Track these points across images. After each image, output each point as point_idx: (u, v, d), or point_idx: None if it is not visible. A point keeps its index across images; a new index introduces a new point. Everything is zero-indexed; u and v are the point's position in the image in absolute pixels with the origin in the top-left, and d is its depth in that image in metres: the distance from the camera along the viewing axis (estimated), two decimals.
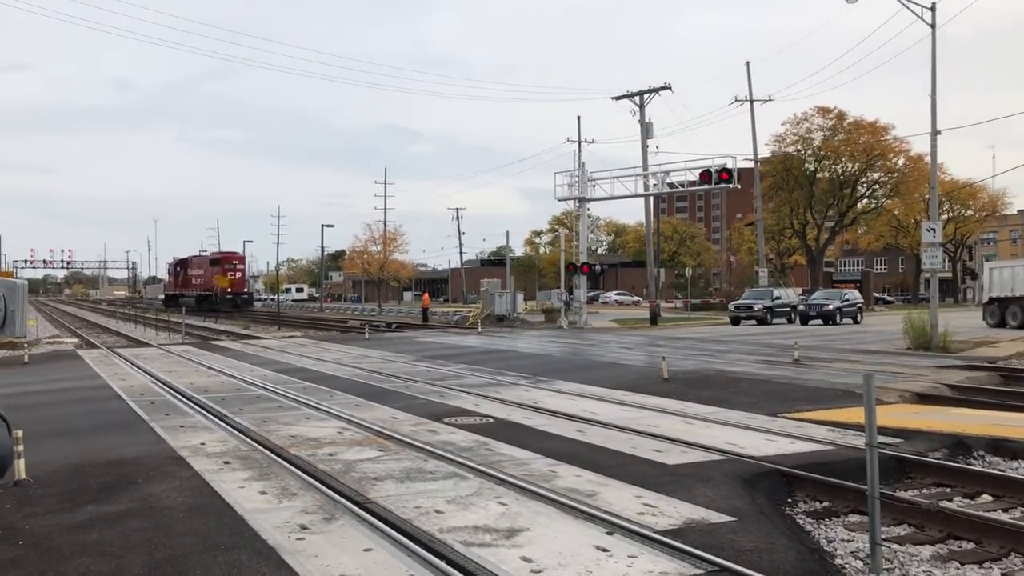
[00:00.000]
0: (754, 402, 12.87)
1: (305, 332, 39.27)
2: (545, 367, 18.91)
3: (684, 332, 34.66)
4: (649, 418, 11.42)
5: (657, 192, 39.51)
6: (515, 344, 27.86)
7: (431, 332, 36.55)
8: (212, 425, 11.28)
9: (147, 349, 26.93)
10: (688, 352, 22.83)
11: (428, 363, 20.27)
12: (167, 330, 37.61)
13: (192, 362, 21.33)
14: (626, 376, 16.76)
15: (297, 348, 26.16)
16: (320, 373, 18.28)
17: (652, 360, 20.18)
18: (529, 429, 10.72)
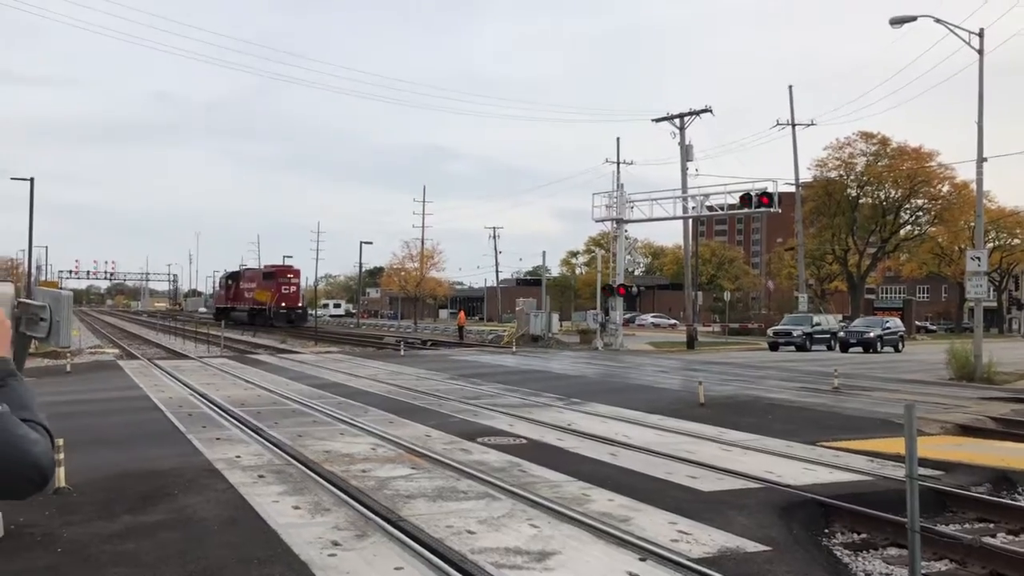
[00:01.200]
0: (792, 430, 12.69)
1: (341, 348, 39.56)
2: (580, 389, 18.86)
3: (721, 357, 34.32)
4: (684, 443, 11.33)
5: (696, 215, 39.33)
6: (550, 365, 27.80)
7: (466, 350, 36.60)
8: (248, 438, 11.39)
9: (186, 361, 27.32)
10: (725, 377, 22.63)
11: (462, 381, 20.30)
12: (206, 343, 38.11)
13: (230, 375, 21.58)
14: (662, 400, 16.65)
15: (333, 363, 26.36)
16: (355, 389, 18.38)
17: (688, 384, 20.06)
18: (562, 451, 10.67)
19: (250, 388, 18.30)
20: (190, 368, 23.85)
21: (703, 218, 44.48)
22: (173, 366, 24.35)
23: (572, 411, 14.84)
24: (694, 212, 38.63)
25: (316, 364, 25.98)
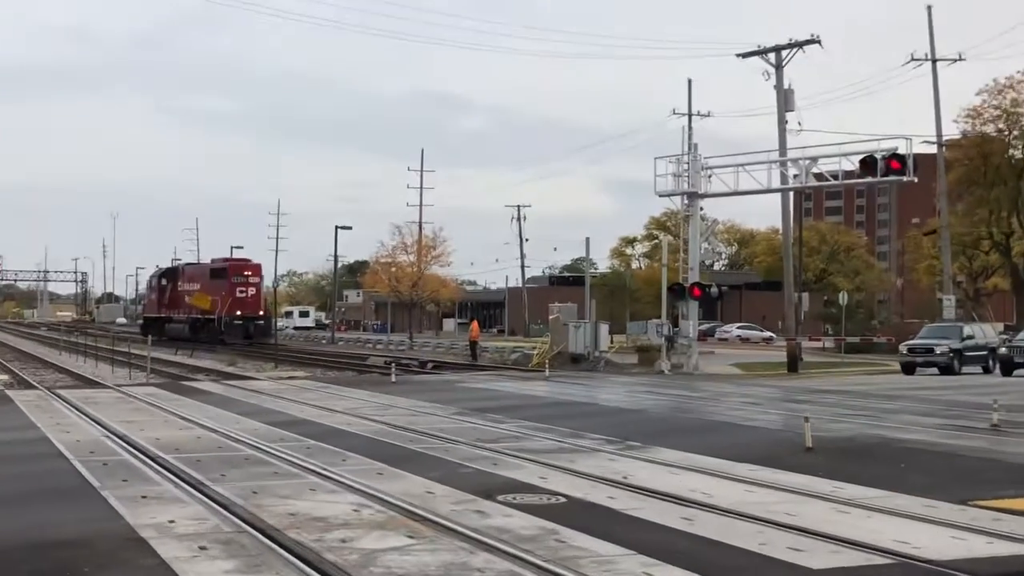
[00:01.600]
0: (934, 484, 12.61)
1: (310, 371, 39.75)
2: (638, 428, 18.82)
3: (835, 383, 34.07)
4: (785, 503, 11.29)
5: (800, 186, 39.17)
6: (596, 394, 27.73)
7: (481, 375, 36.65)
8: (185, 496, 11.47)
9: (100, 391, 27.59)
10: (841, 412, 22.49)
11: (476, 418, 20.32)
12: (126, 365, 38.46)
13: (159, 409, 21.75)
14: (753, 443, 16.61)
15: (299, 393, 26.50)
16: (329, 428, 18.45)
17: (790, 422, 19.94)
18: (615, 514, 10.66)
19: (187, 427, 18.42)
20: (106, 400, 24.08)
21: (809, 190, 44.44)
22: (83, 398, 24.62)
23: (628, 458, 14.79)
24: (796, 182, 38.44)
25: (276, 394, 26.13)
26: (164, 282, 75.14)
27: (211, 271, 68.87)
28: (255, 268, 68.63)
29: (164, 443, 15.91)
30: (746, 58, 43.58)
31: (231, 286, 64.65)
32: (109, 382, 31.85)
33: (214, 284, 66.16)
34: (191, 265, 76.91)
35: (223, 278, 65.74)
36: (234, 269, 66.61)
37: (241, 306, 64.11)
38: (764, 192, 38.42)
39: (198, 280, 69.27)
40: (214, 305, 64.31)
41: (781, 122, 41.89)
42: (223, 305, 63.61)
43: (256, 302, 66.02)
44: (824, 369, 42.68)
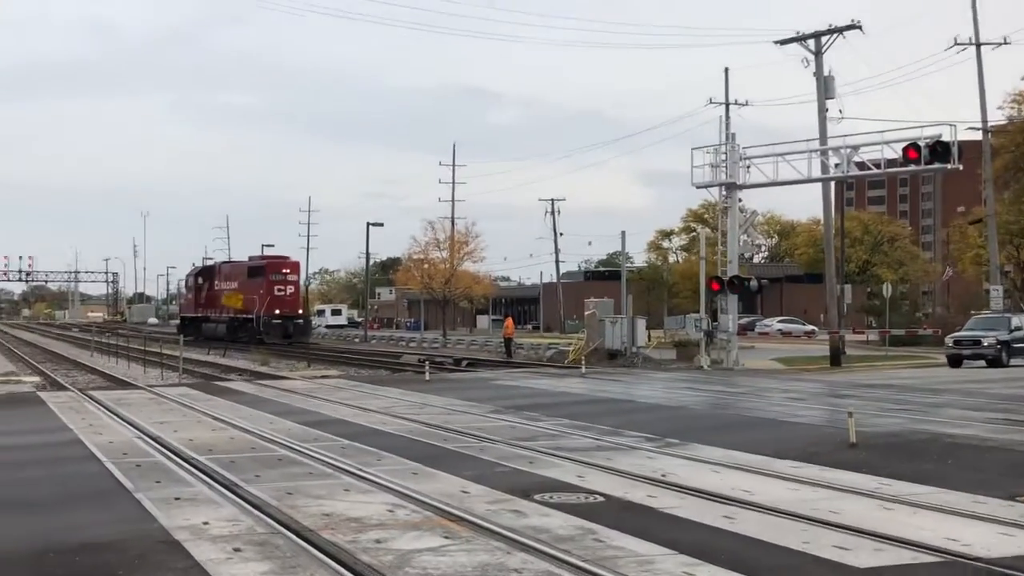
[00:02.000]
0: (983, 480, 12.51)
1: (343, 370, 39.92)
2: (678, 425, 18.83)
3: (880, 376, 33.85)
4: (828, 500, 11.26)
5: (841, 175, 38.87)
6: (634, 391, 27.70)
7: (516, 372, 36.69)
8: (218, 497, 11.58)
9: (132, 392, 27.87)
10: (886, 406, 22.39)
11: (511, 416, 20.39)
12: (159, 366, 38.81)
13: (192, 410, 21.96)
14: (795, 439, 16.57)
15: (332, 392, 26.66)
16: (363, 427, 18.58)
17: (833, 417, 19.89)
18: (655, 513, 10.67)
19: (220, 428, 18.58)
20: (138, 401, 24.32)
21: (851, 180, 44.07)
22: (115, 399, 24.86)
23: (667, 456, 14.79)
24: (838, 171, 38.12)
25: (309, 394, 26.29)
26: (200, 281, 75.09)
27: (249, 269, 68.42)
28: (294, 266, 68.40)
29: (197, 444, 16.05)
30: (784, 45, 43.30)
31: (269, 284, 64.26)
32: (141, 383, 32.15)
33: (252, 283, 65.89)
34: (228, 263, 76.46)
35: (261, 276, 65.36)
36: (272, 267, 66.20)
37: (280, 305, 63.62)
38: (804, 182, 38.10)
39: (235, 279, 69.09)
40: (249, 304, 64.23)
41: (821, 110, 41.58)
42: (261, 304, 63.28)
43: (295, 300, 65.79)
44: (868, 363, 42.37)
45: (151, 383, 31.94)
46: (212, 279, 73.02)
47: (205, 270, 77.59)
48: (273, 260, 68.91)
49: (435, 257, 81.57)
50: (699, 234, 55.00)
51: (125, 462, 14.32)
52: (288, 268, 66.81)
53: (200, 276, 76.32)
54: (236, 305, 66.48)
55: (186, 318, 77.03)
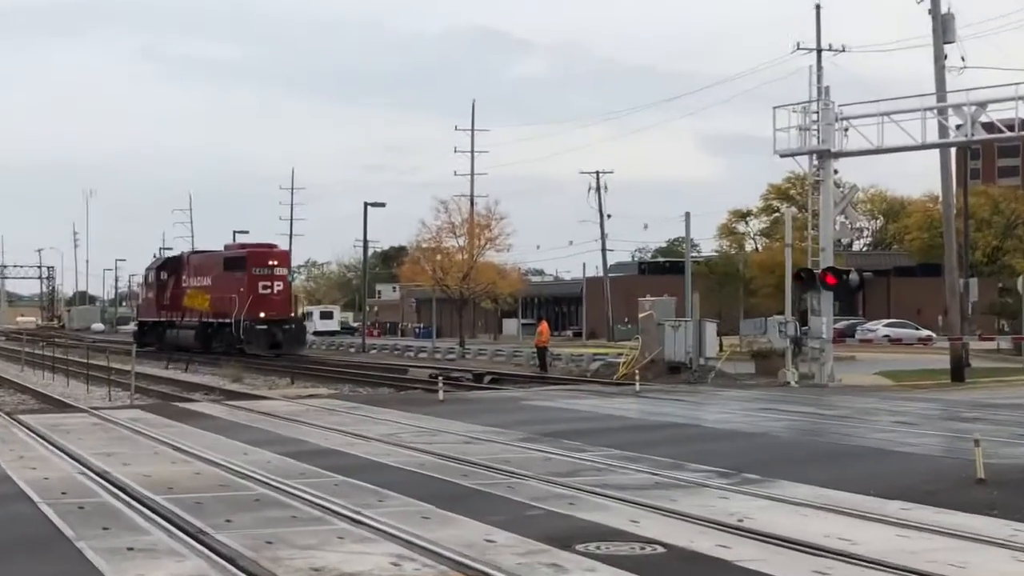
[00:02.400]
0: None
1: (335, 388, 39.97)
2: (757, 456, 18.81)
3: (1013, 395, 33.56)
4: (950, 551, 11.20)
5: (964, 140, 38.51)
6: (702, 414, 27.62)
7: (552, 390, 36.65)
8: (181, 548, 11.60)
9: (73, 416, 27.97)
10: (1022, 432, 22.29)
11: (547, 445, 20.36)
12: (105, 383, 38.98)
13: (147, 438, 22.02)
14: (906, 474, 16.52)
15: (322, 416, 26.70)
16: (361, 460, 18.59)
17: (954, 446, 19.80)
18: (729, 567, 10.64)
19: (183, 461, 18.62)
20: (80, 428, 24.40)
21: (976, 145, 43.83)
22: (51, 425, 24.93)
23: (744, 496, 14.76)
24: (960, 135, 37.77)
25: (294, 417, 26.33)
26: (163, 276, 74.80)
27: (225, 261, 68.09)
28: (281, 256, 68.46)
29: (154, 481, 16.10)
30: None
31: (252, 280, 63.88)
32: (84, 404, 32.24)
33: (229, 278, 65.43)
34: (199, 254, 75.96)
35: (241, 270, 65.09)
36: (256, 258, 65.76)
37: (265, 306, 62.98)
38: (917, 148, 37.86)
39: (208, 273, 68.83)
40: (225, 305, 63.87)
41: (938, 58, 41.27)
42: (242, 305, 62.73)
43: (285, 300, 65.44)
44: (998, 377, 42.00)
45: (96, 405, 32.03)
46: (178, 274, 72.77)
47: (169, 263, 77.40)
48: (256, 249, 68.54)
49: (450, 246, 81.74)
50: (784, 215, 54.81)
51: (64, 503, 14.37)
52: (275, 259, 66.68)
53: (163, 270, 76.02)
54: (203, 307, 66.56)
55: (145, 323, 77.16)
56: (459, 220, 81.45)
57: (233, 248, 72.21)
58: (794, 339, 38.80)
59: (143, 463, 18.18)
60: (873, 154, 38.89)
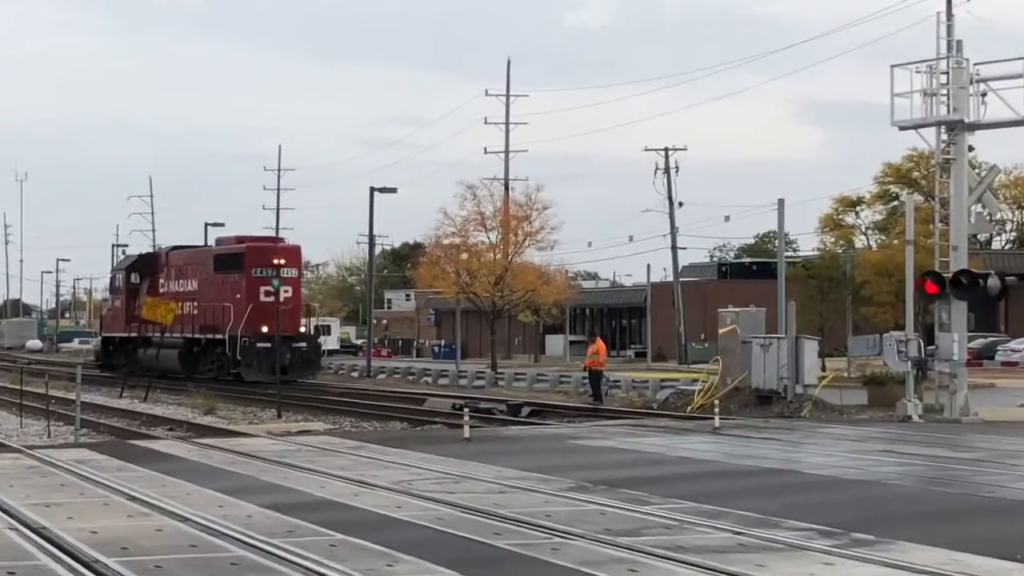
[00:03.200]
0: None
1: (334, 423, 40.04)
2: (871, 511, 18.75)
3: None
4: None
5: None
6: (799, 456, 27.59)
7: (608, 426, 36.66)
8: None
9: (3, 457, 28.04)
10: None
11: (601, 496, 20.37)
12: (43, 415, 39.16)
13: (97, 485, 22.06)
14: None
15: (317, 458, 26.77)
16: (366, 514, 18.61)
17: None
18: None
19: (141, 514, 18.63)
20: (11, 472, 24.44)
21: None
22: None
23: (854, 560, 14.73)
24: None
25: (281, 459, 26.38)
26: (135, 279, 74.11)
27: (217, 259, 67.04)
28: (291, 253, 66.81)
29: (104, 539, 16.14)
30: None
31: (252, 284, 62.84)
32: (15, 442, 32.40)
33: (222, 281, 64.94)
34: (182, 251, 74.72)
35: (237, 270, 64.17)
36: (256, 255, 64.10)
37: (269, 318, 59.92)
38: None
39: (193, 275, 68.15)
40: (215, 317, 63.27)
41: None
42: (238, 317, 61.87)
43: (294, 311, 63.90)
44: None
45: (31, 443, 32.19)
46: (155, 277, 72.16)
47: (142, 262, 76.57)
48: (257, 244, 67.52)
49: (479, 242, 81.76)
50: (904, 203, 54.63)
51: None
52: (281, 256, 63.85)
53: (134, 272, 75.24)
54: (154, 319, 63.96)
55: (111, 340, 76.48)
56: (490, 210, 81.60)
57: (227, 242, 70.99)
58: (917, 362, 38.64)
59: (91, 516, 18.19)
60: (1019, 126, 38.71)
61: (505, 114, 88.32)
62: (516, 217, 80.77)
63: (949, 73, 38.05)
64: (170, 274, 70.92)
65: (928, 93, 38.02)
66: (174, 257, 73.12)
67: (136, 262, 77.80)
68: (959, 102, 37.63)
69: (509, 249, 79.58)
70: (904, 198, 64.29)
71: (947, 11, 48.53)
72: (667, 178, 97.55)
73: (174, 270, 70.98)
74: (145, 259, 77.77)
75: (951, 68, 38.14)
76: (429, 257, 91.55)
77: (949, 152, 38.66)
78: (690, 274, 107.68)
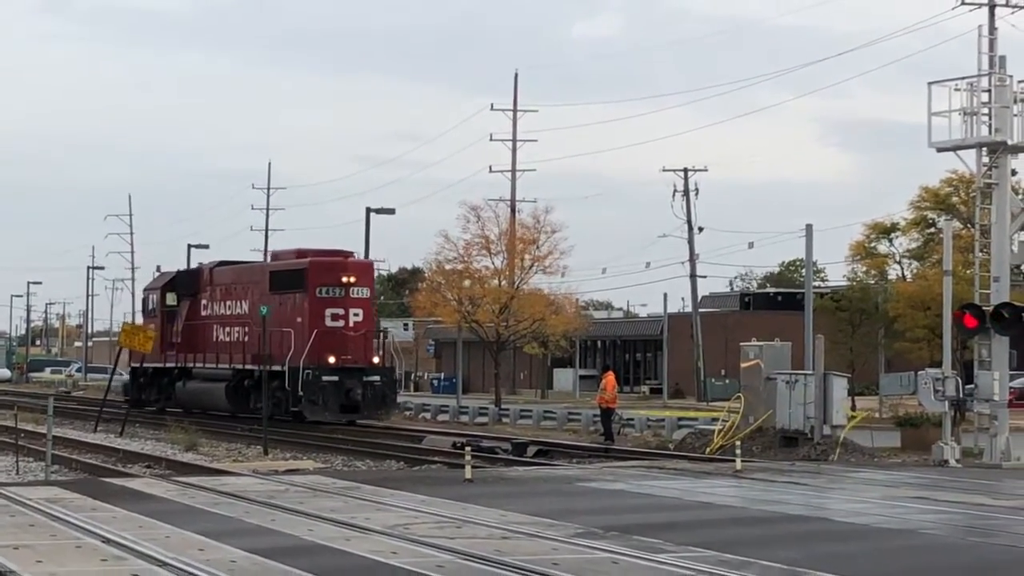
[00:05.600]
0: None
1: (324, 460, 40.04)
2: (904, 564, 18.85)
3: None
4: None
5: None
6: (827, 503, 27.57)
7: (621, 468, 36.66)
8: None
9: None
10: None
11: (613, 543, 20.34)
12: (11, 450, 39.15)
13: (70, 527, 22.08)
14: None
15: (307, 499, 26.78)
16: (360, 560, 18.64)
17: None
18: None
19: (116, 558, 18.64)
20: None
21: None
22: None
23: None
24: None
25: (268, 500, 26.39)
26: (171, 301, 69.08)
27: (273, 277, 61.75)
28: (362, 269, 61.75)
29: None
30: None
31: (316, 306, 58.11)
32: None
33: (281, 303, 59.33)
34: (227, 266, 69.20)
35: (299, 290, 59.19)
36: (321, 272, 59.02)
37: (337, 346, 57.75)
38: None
39: (244, 295, 63.20)
40: (302, 344, 57.56)
41: None
42: (300, 345, 57.29)
43: (367, 337, 59.94)
44: None
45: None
46: (196, 297, 67.60)
47: (182, 280, 70.73)
48: (322, 259, 61.11)
49: (482, 268, 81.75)
50: (942, 230, 54.56)
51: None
52: (351, 274, 59.58)
53: (171, 292, 69.81)
54: (131, 347, 59.36)
55: (143, 371, 70.72)
56: (495, 233, 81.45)
57: (285, 256, 66.14)
58: (955, 401, 38.63)
59: (62, 560, 18.23)
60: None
61: (512, 130, 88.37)
62: (523, 241, 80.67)
63: (991, 91, 38.12)
64: (215, 294, 66.24)
65: (968, 112, 38.06)
66: (219, 274, 67.74)
67: (173, 280, 71.67)
68: (1002, 122, 37.68)
69: (515, 275, 79.54)
70: (942, 225, 64.07)
71: (989, 24, 48.58)
72: (686, 201, 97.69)
73: (220, 289, 66.16)
74: (184, 277, 71.64)
75: (993, 86, 38.22)
76: (429, 283, 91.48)
77: (991, 176, 38.67)
78: (710, 304, 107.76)
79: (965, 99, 38.22)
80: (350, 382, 56.32)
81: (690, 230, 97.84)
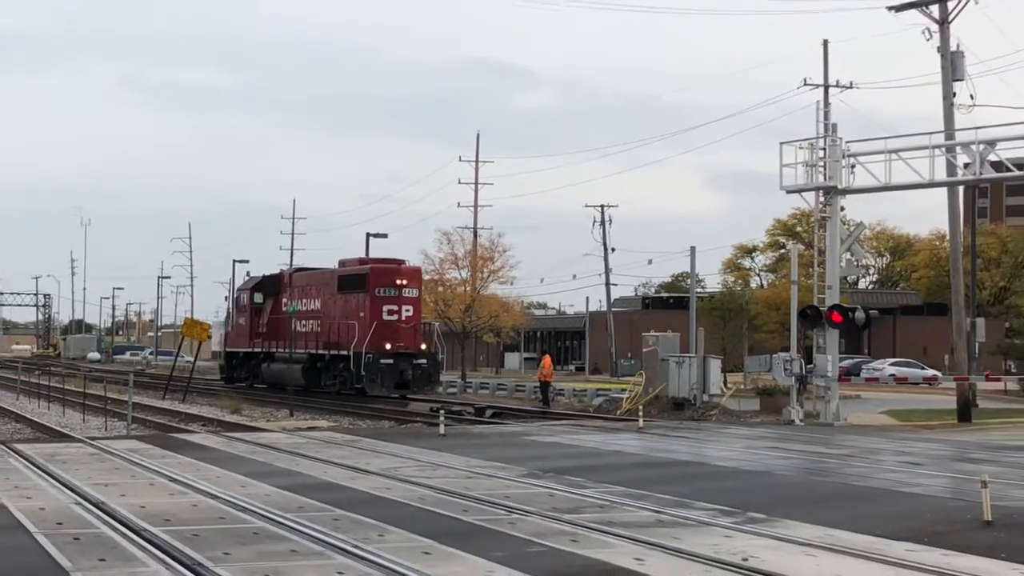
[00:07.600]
0: None
1: (335, 421, 39.95)
2: (762, 496, 18.82)
3: (1021, 436, 33.53)
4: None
5: (972, 179, 38.60)
6: (706, 451, 27.63)
7: (555, 425, 36.65)
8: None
9: (69, 446, 27.98)
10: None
11: (549, 481, 20.43)
12: (102, 413, 38.98)
13: (144, 469, 22.08)
14: (912, 515, 16.54)
15: (322, 449, 26.73)
16: (361, 494, 18.68)
17: (962, 487, 19.83)
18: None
19: (180, 492, 18.67)
20: (76, 457, 24.42)
21: (984, 184, 43.92)
22: (47, 454, 24.97)
23: (749, 535, 14.81)
24: (968, 173, 37.90)
25: (293, 450, 26.35)
26: (259, 299, 66.37)
27: (341, 280, 59.64)
28: (411, 274, 58.68)
29: (151, 512, 16.12)
30: (900, 11, 43.16)
31: (375, 303, 55.50)
32: (79, 434, 32.26)
33: (346, 301, 57.72)
34: (304, 272, 67.51)
35: (361, 290, 56.72)
36: (380, 276, 56.65)
37: (392, 335, 54.58)
38: (925, 187, 37.95)
39: (317, 295, 61.18)
40: (332, 334, 56.73)
41: (947, 95, 41.38)
42: (363, 334, 54.82)
43: (416, 329, 56.85)
44: (1006, 419, 41.97)
45: (92, 435, 32.04)
46: (278, 296, 64.99)
47: (267, 283, 68.28)
48: (381, 266, 58.88)
49: (452, 278, 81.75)
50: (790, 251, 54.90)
51: (61, 534, 14.40)
52: (404, 278, 56.99)
53: (259, 292, 67.41)
54: (191, 336, 59.91)
55: (235, 354, 68.64)
56: (462, 252, 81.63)
57: (350, 264, 63.40)
58: (799, 377, 38.79)
59: (140, 494, 18.22)
60: (880, 191, 38.97)
61: (475, 176, 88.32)
62: (482, 258, 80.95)
63: (826, 149, 38.29)
64: (293, 294, 63.68)
65: (809, 164, 38.24)
66: (297, 278, 65.64)
67: (260, 283, 68.99)
68: (833, 172, 37.86)
69: (477, 283, 79.75)
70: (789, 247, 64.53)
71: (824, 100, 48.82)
72: (603, 229, 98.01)
73: (297, 290, 63.77)
74: (269, 280, 68.85)
75: (827, 145, 38.39)
76: None
77: (825, 211, 38.88)
78: (620, 305, 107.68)
79: (807, 154, 38.36)
80: (403, 364, 54.40)
81: (605, 250, 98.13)
